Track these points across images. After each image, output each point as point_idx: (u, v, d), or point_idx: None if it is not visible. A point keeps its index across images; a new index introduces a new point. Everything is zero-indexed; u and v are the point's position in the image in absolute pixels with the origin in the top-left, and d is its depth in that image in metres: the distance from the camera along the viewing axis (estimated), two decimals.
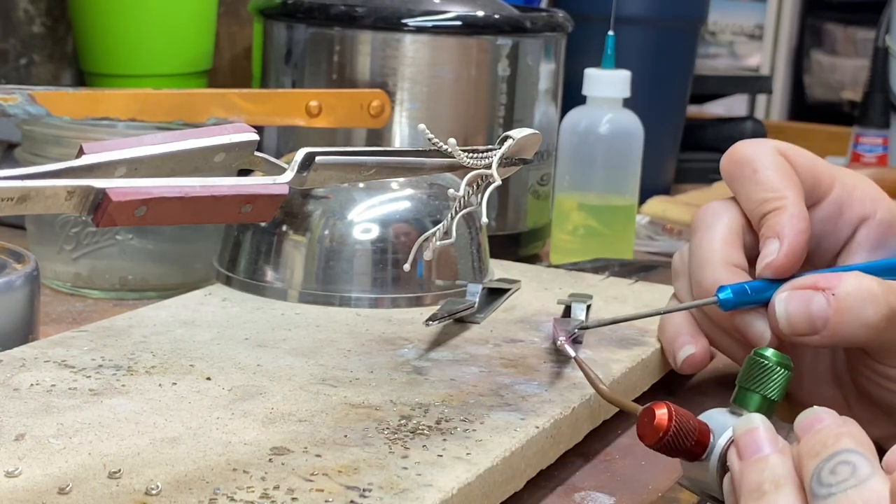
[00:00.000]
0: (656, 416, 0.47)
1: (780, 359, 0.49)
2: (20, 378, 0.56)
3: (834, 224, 0.61)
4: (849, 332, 0.55)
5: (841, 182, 0.61)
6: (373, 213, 0.72)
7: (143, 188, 0.40)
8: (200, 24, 1.16)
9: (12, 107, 0.76)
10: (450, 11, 0.92)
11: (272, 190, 0.44)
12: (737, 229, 0.60)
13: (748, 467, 0.44)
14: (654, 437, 0.47)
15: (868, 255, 0.61)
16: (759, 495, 0.43)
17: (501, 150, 0.52)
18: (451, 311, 0.66)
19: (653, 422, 0.47)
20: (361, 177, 0.49)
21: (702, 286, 0.59)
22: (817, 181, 0.61)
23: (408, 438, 0.52)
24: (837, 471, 0.40)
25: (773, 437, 0.45)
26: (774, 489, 0.43)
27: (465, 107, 0.93)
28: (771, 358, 0.49)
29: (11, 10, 1.15)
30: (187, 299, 0.70)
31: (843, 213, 0.61)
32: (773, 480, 0.43)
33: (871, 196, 0.61)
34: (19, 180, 0.37)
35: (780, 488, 0.42)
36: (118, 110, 0.80)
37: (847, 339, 0.55)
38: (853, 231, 0.61)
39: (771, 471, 0.43)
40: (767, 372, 0.49)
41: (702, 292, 0.59)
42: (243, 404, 0.55)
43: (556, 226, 0.98)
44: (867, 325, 0.54)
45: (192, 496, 0.45)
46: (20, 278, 0.63)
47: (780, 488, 0.42)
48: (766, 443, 0.44)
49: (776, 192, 0.59)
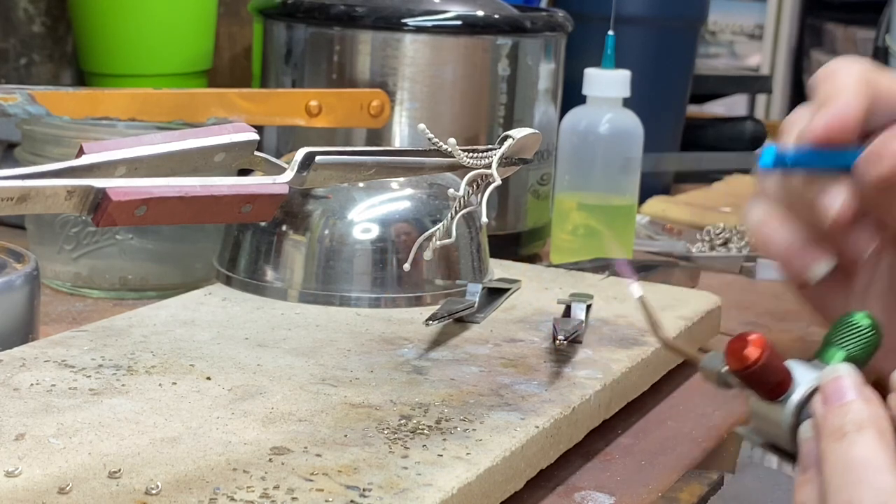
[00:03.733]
0: (749, 343, 0.46)
1: (871, 321, 0.49)
2: (20, 378, 0.56)
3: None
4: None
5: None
6: (373, 212, 0.72)
7: (143, 188, 0.40)
8: (200, 24, 1.16)
9: (12, 107, 0.76)
10: (450, 11, 0.92)
11: (272, 190, 0.44)
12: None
13: (831, 412, 0.44)
14: (742, 363, 0.46)
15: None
16: (839, 436, 0.43)
17: (501, 149, 0.52)
18: (451, 311, 0.66)
19: (744, 349, 0.46)
20: (361, 176, 0.49)
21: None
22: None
23: (408, 438, 0.52)
24: None
25: (859, 384, 0.44)
26: (856, 431, 0.43)
27: (465, 107, 0.93)
28: (862, 319, 0.49)
29: (11, 9, 1.15)
30: (187, 299, 0.70)
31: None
32: (855, 423, 0.43)
33: None
34: (19, 180, 0.37)
35: (862, 430, 0.42)
36: (118, 110, 0.80)
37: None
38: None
39: (854, 414, 0.43)
40: (857, 331, 0.48)
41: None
42: (243, 404, 0.55)
43: (556, 226, 0.98)
44: None
45: (192, 496, 0.45)
46: (20, 278, 0.63)
47: (861, 430, 0.42)
48: (850, 389, 0.44)
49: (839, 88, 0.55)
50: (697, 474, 0.58)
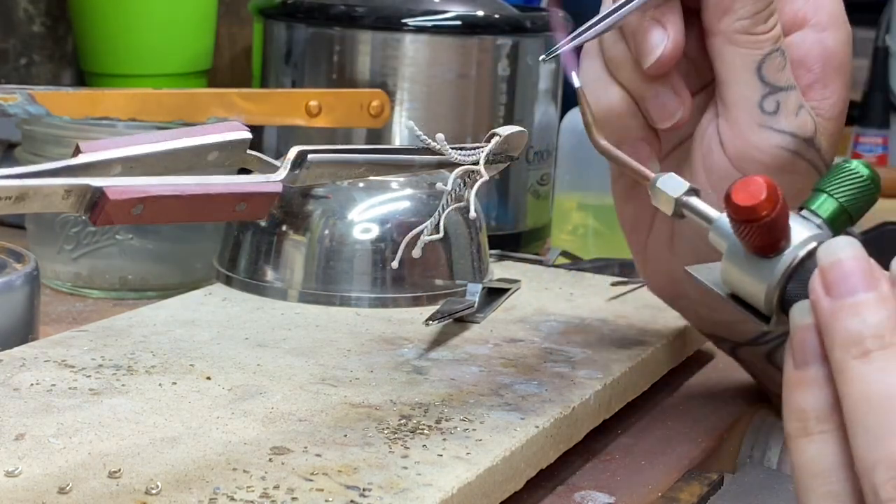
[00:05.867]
0: (765, 190, 0.41)
1: (871, 172, 0.44)
2: (20, 378, 0.56)
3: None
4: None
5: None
6: (373, 212, 0.72)
7: (139, 187, 0.40)
8: (200, 24, 1.16)
9: (12, 107, 0.76)
10: (450, 11, 0.92)
11: (266, 188, 0.44)
12: None
13: (841, 311, 0.39)
14: (752, 213, 0.41)
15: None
16: (861, 352, 0.38)
17: (489, 146, 0.52)
18: (450, 311, 0.66)
19: (759, 196, 0.41)
20: (353, 174, 0.50)
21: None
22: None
23: (408, 438, 0.52)
24: None
25: (870, 272, 0.39)
26: (881, 349, 0.38)
27: (465, 107, 0.93)
28: (861, 167, 0.44)
29: (11, 10, 1.15)
30: (187, 299, 0.70)
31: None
32: (877, 336, 0.38)
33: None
34: (17, 179, 0.37)
35: (889, 349, 0.38)
36: (118, 110, 0.80)
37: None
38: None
39: (874, 324, 0.38)
40: (853, 181, 0.44)
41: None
42: (243, 404, 0.55)
43: (556, 226, 0.98)
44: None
45: (192, 496, 0.45)
46: (20, 278, 0.63)
47: (888, 349, 0.38)
48: (859, 278, 0.39)
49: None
50: (697, 474, 0.58)
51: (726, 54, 0.55)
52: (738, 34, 0.54)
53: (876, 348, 0.38)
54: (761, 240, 0.42)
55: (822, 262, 0.40)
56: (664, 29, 0.54)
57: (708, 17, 0.55)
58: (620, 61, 0.55)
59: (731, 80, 0.55)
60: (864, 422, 0.38)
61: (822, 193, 0.45)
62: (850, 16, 0.57)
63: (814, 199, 0.45)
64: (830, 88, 0.56)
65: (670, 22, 0.54)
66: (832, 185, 0.45)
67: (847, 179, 0.45)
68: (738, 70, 0.55)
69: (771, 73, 0.54)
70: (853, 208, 0.44)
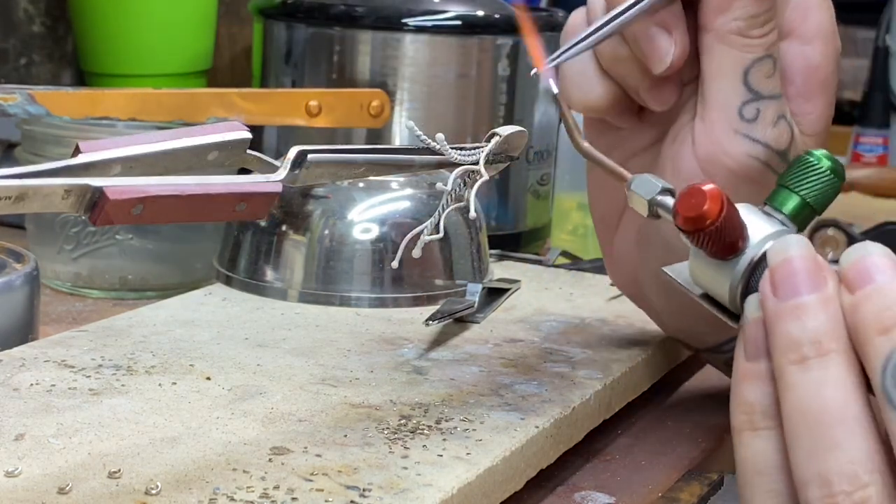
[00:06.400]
0: (707, 199, 0.41)
1: (833, 164, 0.44)
2: (20, 378, 0.56)
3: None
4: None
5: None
6: (373, 213, 0.72)
7: (139, 187, 0.40)
8: (200, 24, 1.16)
9: (12, 106, 0.76)
10: (450, 11, 0.92)
11: (266, 188, 0.44)
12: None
13: (784, 312, 0.39)
14: (698, 223, 0.41)
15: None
16: (798, 359, 0.38)
17: (489, 146, 0.52)
18: (450, 311, 0.66)
19: (701, 206, 0.41)
20: (353, 174, 0.50)
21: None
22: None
23: (408, 438, 0.52)
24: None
25: (816, 272, 0.39)
26: (818, 357, 0.38)
27: (465, 107, 0.93)
28: (823, 160, 0.44)
29: (11, 10, 1.15)
30: (187, 299, 0.70)
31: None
32: (814, 343, 0.38)
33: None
34: (17, 179, 0.37)
35: (826, 357, 0.38)
36: (118, 110, 0.80)
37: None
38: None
39: (813, 329, 0.38)
40: (815, 174, 0.44)
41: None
42: (243, 404, 0.55)
43: (556, 226, 0.98)
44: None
45: (192, 496, 0.45)
46: (20, 278, 0.63)
47: (825, 357, 0.38)
48: (806, 282, 0.39)
49: None
50: (697, 474, 0.58)
51: (716, 53, 0.54)
52: (731, 34, 0.53)
53: (813, 355, 0.38)
54: (714, 246, 0.42)
55: (770, 262, 0.40)
56: (670, 34, 0.53)
57: (704, 13, 0.54)
58: (616, 59, 0.55)
59: (715, 80, 0.54)
60: (800, 436, 0.38)
61: (784, 189, 0.44)
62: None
63: (776, 195, 0.44)
64: (813, 103, 0.55)
65: (676, 27, 0.53)
66: (793, 179, 0.44)
67: (808, 173, 0.44)
68: (724, 71, 0.54)
69: (757, 79, 0.53)
70: (816, 202, 0.44)
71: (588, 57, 0.55)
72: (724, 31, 0.53)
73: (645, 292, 0.62)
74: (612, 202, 0.61)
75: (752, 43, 0.53)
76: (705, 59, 0.54)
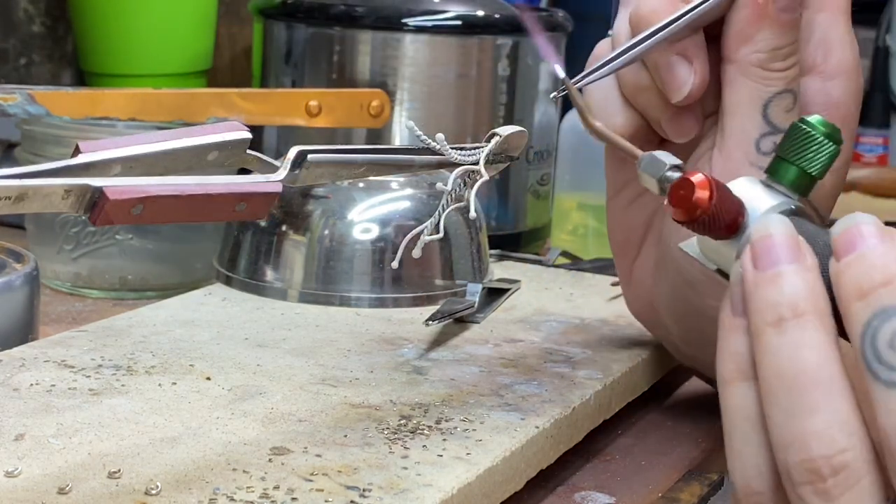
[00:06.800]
0: (696, 190, 0.41)
1: (828, 129, 0.44)
2: (20, 378, 0.56)
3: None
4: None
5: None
6: (373, 213, 0.72)
7: (139, 187, 0.40)
8: (200, 24, 1.16)
9: (12, 106, 0.76)
10: (450, 11, 0.92)
11: (266, 188, 0.44)
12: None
13: (762, 281, 0.39)
14: (690, 213, 0.41)
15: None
16: (775, 322, 0.38)
17: (489, 146, 0.52)
18: (450, 311, 0.66)
19: (691, 196, 0.41)
20: (353, 174, 0.50)
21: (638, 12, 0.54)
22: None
23: (408, 438, 0.52)
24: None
25: (794, 246, 0.39)
26: (795, 318, 0.38)
27: (465, 107, 0.93)
28: (817, 126, 0.44)
29: (11, 10, 1.15)
30: (187, 299, 0.70)
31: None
32: (791, 306, 0.38)
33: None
34: (17, 179, 0.37)
35: (803, 318, 0.38)
36: (118, 110, 0.80)
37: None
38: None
39: (790, 293, 0.38)
40: (811, 142, 0.43)
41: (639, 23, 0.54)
42: (243, 404, 0.55)
43: (556, 226, 0.98)
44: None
45: (192, 496, 0.45)
46: (20, 278, 0.63)
47: (801, 318, 0.38)
48: (786, 252, 0.39)
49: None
50: (697, 474, 0.58)
51: (737, 84, 0.54)
52: (752, 66, 0.53)
53: (790, 317, 0.38)
54: (713, 230, 0.42)
55: (752, 238, 0.41)
56: (690, 64, 0.53)
57: (727, 44, 0.54)
58: (639, 88, 0.55)
59: (734, 112, 0.54)
60: (777, 398, 0.38)
61: (782, 160, 0.44)
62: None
63: (775, 167, 0.44)
64: None
65: (696, 56, 0.53)
66: (789, 149, 0.44)
67: (804, 142, 0.44)
68: (744, 103, 0.54)
69: (776, 113, 0.53)
70: (815, 170, 0.44)
71: (612, 86, 0.55)
72: (746, 62, 0.53)
73: (662, 320, 0.62)
74: (632, 229, 0.61)
75: (772, 76, 0.53)
76: (726, 90, 0.54)
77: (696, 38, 0.53)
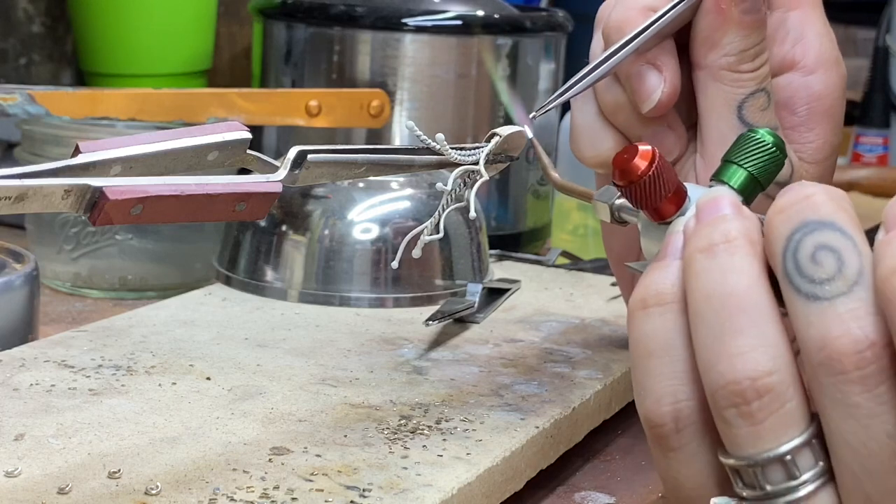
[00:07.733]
0: (639, 152, 0.43)
1: (775, 138, 0.45)
2: (20, 378, 0.56)
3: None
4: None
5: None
6: (373, 213, 0.72)
7: (139, 186, 0.40)
8: (200, 24, 1.16)
9: (12, 106, 0.76)
10: (450, 11, 0.92)
11: (266, 188, 0.44)
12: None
13: (701, 227, 0.40)
14: (628, 175, 0.43)
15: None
16: (706, 247, 0.39)
17: (489, 146, 0.52)
18: (450, 311, 0.66)
19: (633, 158, 0.43)
20: (353, 174, 0.50)
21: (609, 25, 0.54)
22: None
23: (408, 438, 0.52)
24: (820, 260, 0.37)
25: (737, 203, 0.41)
26: (726, 243, 0.39)
27: (465, 107, 0.93)
28: (766, 135, 0.45)
29: (11, 9, 1.15)
30: (187, 299, 0.70)
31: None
32: (724, 234, 0.39)
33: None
34: (17, 179, 0.37)
35: (733, 244, 0.39)
36: (118, 110, 0.80)
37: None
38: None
39: (724, 229, 0.39)
40: (761, 148, 0.45)
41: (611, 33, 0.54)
42: (243, 404, 0.55)
43: (556, 226, 0.98)
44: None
45: (192, 496, 0.45)
46: (20, 278, 0.63)
47: (731, 243, 0.39)
48: (727, 205, 0.40)
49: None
50: None
51: (709, 89, 0.54)
52: (722, 70, 0.53)
53: (720, 242, 0.39)
54: (649, 202, 0.43)
55: (699, 203, 0.41)
56: (660, 72, 0.53)
57: (695, 51, 0.54)
58: (617, 106, 0.55)
59: (710, 116, 0.54)
60: (705, 319, 0.38)
61: (730, 164, 0.45)
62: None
63: (723, 170, 0.45)
64: (815, 132, 0.55)
65: (665, 64, 0.53)
66: (739, 154, 0.45)
67: (754, 148, 0.45)
68: (718, 107, 0.54)
69: (751, 113, 0.53)
70: (762, 176, 0.45)
71: (594, 112, 0.55)
72: (716, 67, 0.53)
73: None
74: (628, 242, 0.61)
75: (743, 77, 0.53)
76: (700, 96, 0.55)
77: (664, 45, 0.53)
